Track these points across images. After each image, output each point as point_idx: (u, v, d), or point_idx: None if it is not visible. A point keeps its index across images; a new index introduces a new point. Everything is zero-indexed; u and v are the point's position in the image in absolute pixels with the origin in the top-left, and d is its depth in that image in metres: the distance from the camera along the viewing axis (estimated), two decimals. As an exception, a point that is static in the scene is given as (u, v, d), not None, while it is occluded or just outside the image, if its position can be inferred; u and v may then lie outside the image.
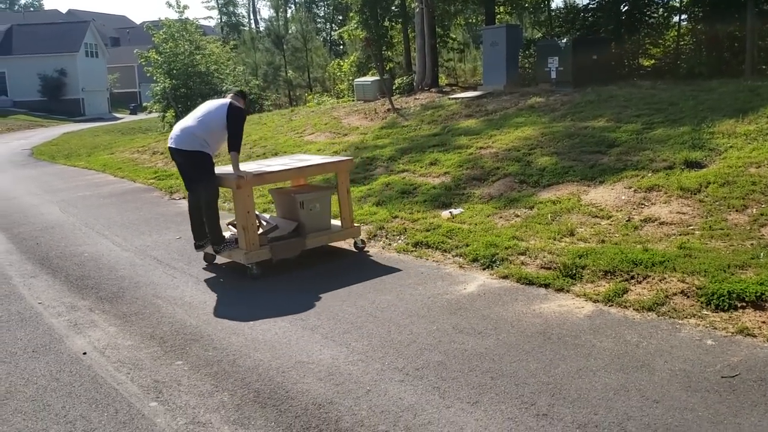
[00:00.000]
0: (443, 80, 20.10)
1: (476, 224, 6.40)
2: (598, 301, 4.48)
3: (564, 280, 4.87)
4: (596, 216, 6.14)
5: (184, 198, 10.17)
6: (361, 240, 6.34)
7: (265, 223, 6.06)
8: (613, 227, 5.83)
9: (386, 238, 6.55)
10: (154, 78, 26.56)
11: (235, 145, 5.66)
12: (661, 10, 16.64)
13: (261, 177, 5.80)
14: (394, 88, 18.76)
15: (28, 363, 4.07)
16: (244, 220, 5.58)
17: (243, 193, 5.58)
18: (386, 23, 21.77)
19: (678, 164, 6.89)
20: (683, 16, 16.61)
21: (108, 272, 6.11)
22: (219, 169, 5.89)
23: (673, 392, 3.23)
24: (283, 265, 5.93)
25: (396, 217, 7.02)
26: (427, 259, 5.81)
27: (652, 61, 16.51)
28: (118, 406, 3.45)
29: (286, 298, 5.04)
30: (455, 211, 6.88)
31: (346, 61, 26.52)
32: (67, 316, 4.96)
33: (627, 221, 5.91)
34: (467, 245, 5.81)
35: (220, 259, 6.15)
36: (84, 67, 52.92)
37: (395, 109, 14.16)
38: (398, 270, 5.58)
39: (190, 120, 5.76)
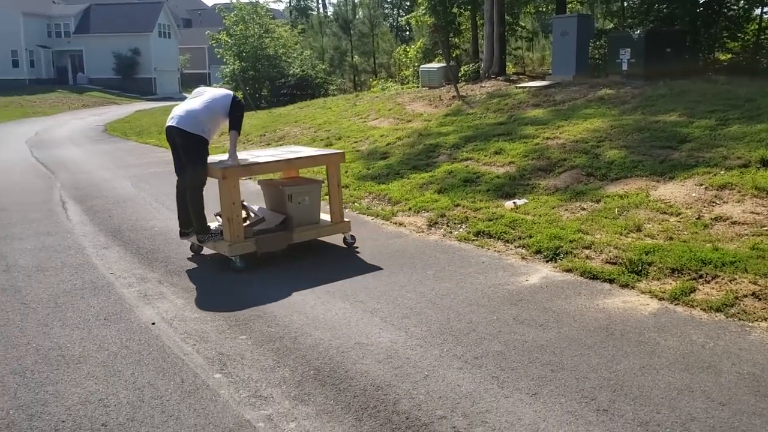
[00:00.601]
0: (510, 69, 19.83)
1: (540, 216, 6.33)
2: (663, 299, 4.37)
3: (629, 276, 4.77)
4: (665, 212, 5.98)
5: (249, 178, 10.38)
6: (351, 236, 6.14)
7: (253, 215, 5.99)
8: (682, 224, 5.67)
9: (447, 226, 6.54)
10: (224, 60, 27.11)
11: (236, 126, 5.60)
12: (741, 2, 15.97)
13: (248, 168, 5.73)
14: (459, 75, 18.62)
15: (100, 330, 4.25)
16: (229, 212, 5.47)
17: (229, 184, 5.45)
18: (454, 10, 21.60)
19: (754, 162, 6.63)
20: (766, 9, 15.91)
21: (176, 247, 6.30)
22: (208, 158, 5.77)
23: (740, 396, 3.14)
24: (344, 249, 6.01)
25: (458, 205, 7.00)
26: (489, 249, 5.78)
27: (729, 56, 15.90)
28: (184, 376, 3.57)
29: (345, 281, 5.10)
30: (519, 202, 6.82)
31: (412, 47, 26.47)
32: (137, 287, 5.15)
33: (697, 219, 5.73)
34: (530, 236, 5.76)
35: (206, 250, 6.04)
36: (157, 47, 54.39)
37: (460, 97, 14.06)
38: (459, 258, 5.57)
39: (195, 103, 5.64)
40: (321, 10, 54.08)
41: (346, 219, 6.20)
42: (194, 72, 64.71)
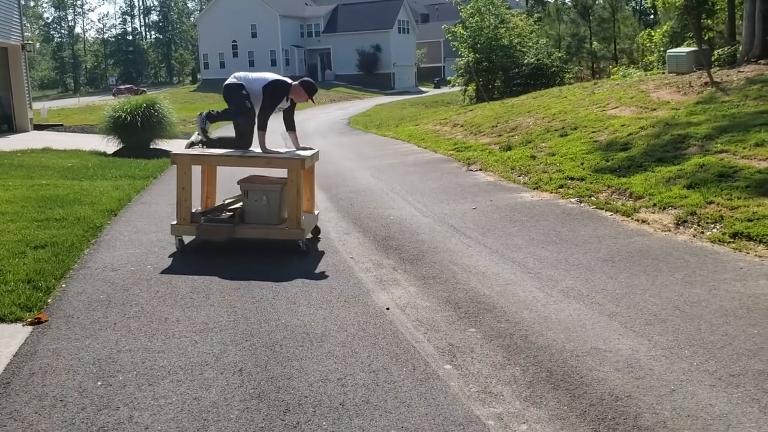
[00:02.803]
0: (775, 50, 17.53)
1: (814, 218, 5.49)
2: None
3: None
4: None
5: (481, 170, 10.40)
6: (305, 243, 5.94)
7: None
8: None
9: (698, 225, 5.94)
10: (459, 52, 27.47)
11: (260, 124, 6.10)
12: None
13: (197, 158, 6.18)
14: (712, 59, 16.94)
15: (340, 311, 4.49)
16: (179, 195, 5.97)
17: (180, 170, 5.99)
18: (709, -12, 19.70)
19: None
20: None
21: (410, 235, 6.48)
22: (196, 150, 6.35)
23: None
24: (577, 247, 5.73)
25: (711, 202, 6.32)
26: (748, 253, 5.14)
27: None
28: (416, 364, 3.63)
29: (578, 280, 4.85)
30: (786, 201, 5.98)
31: (657, 31, 24.73)
32: (374, 272, 5.37)
33: None
34: (801, 241, 5.02)
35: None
36: (396, 43, 56.88)
37: (714, 83, 12.74)
38: (711, 262, 5.03)
39: (242, 72, 6.41)
40: (558, -4, 52.50)
41: (302, 227, 5.95)
42: (430, 66, 66.60)
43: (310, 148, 6.52)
